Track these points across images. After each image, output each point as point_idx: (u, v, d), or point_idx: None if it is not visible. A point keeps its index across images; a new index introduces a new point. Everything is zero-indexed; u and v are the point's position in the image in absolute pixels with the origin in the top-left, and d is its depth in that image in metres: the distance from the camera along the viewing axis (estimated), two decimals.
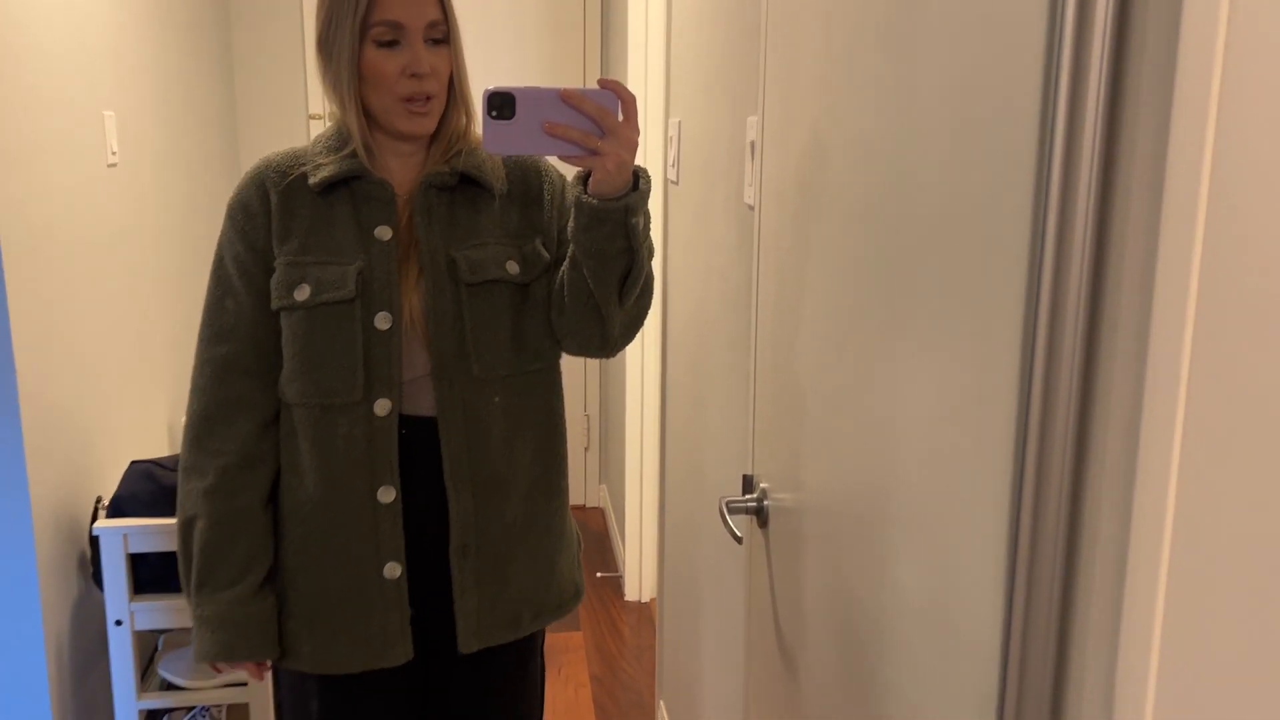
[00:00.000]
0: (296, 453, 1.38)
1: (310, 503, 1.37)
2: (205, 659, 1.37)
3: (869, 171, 0.99)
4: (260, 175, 1.39)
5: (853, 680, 1.08)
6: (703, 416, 1.91)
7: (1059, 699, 0.68)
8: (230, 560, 1.36)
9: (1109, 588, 0.62)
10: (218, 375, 1.37)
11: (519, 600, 1.44)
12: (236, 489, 1.36)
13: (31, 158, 1.99)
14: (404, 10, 1.28)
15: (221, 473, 1.36)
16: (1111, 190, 0.61)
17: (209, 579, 1.37)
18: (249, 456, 1.37)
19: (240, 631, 1.36)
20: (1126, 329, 0.60)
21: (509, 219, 1.41)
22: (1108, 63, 0.60)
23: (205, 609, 1.37)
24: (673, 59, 2.19)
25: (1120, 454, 0.60)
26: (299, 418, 1.36)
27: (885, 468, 0.97)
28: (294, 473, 1.38)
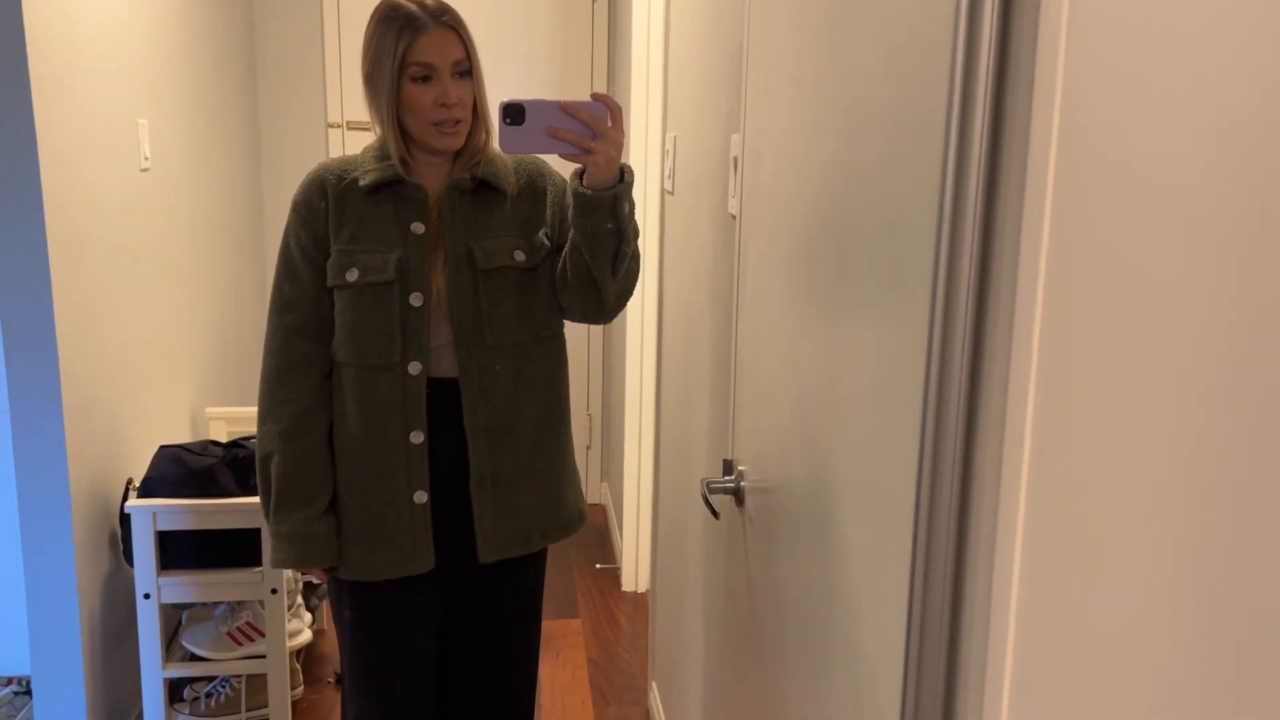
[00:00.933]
0: (344, 403, 1.67)
1: (355, 442, 1.65)
2: (281, 566, 1.68)
3: (820, 187, 1.14)
4: (321, 177, 1.67)
5: (813, 646, 1.22)
6: (691, 409, 2.06)
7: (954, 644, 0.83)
8: (302, 488, 1.65)
9: (988, 530, 0.77)
10: (286, 338, 1.66)
11: (529, 522, 1.72)
12: (305, 430, 1.65)
13: (73, 162, 2.15)
14: (434, 53, 1.57)
15: (292, 418, 1.65)
16: (993, 204, 0.76)
17: (285, 503, 1.65)
18: (313, 404, 1.66)
19: (310, 544, 1.65)
20: (1003, 320, 0.75)
21: (518, 215, 1.69)
22: (989, 115, 0.75)
23: (282, 527, 1.66)
24: (670, 80, 2.34)
25: (996, 417, 0.75)
26: (348, 375, 1.65)
27: (832, 444, 1.12)
28: (342, 419, 1.67)
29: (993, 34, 0.74)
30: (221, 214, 3.28)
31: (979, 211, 0.76)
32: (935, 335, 0.79)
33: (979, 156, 0.76)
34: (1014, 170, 0.73)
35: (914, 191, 0.88)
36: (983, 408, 0.78)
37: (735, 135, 1.61)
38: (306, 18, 3.75)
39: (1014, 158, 0.73)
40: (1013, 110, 0.73)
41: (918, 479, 0.82)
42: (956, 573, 0.83)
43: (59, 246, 2.08)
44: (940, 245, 0.78)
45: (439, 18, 1.58)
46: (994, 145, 0.75)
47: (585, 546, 3.77)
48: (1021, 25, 0.71)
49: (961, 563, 0.82)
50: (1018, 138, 0.72)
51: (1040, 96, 0.69)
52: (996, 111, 0.75)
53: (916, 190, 0.88)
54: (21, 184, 2.00)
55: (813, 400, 1.19)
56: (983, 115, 0.75)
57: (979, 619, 0.79)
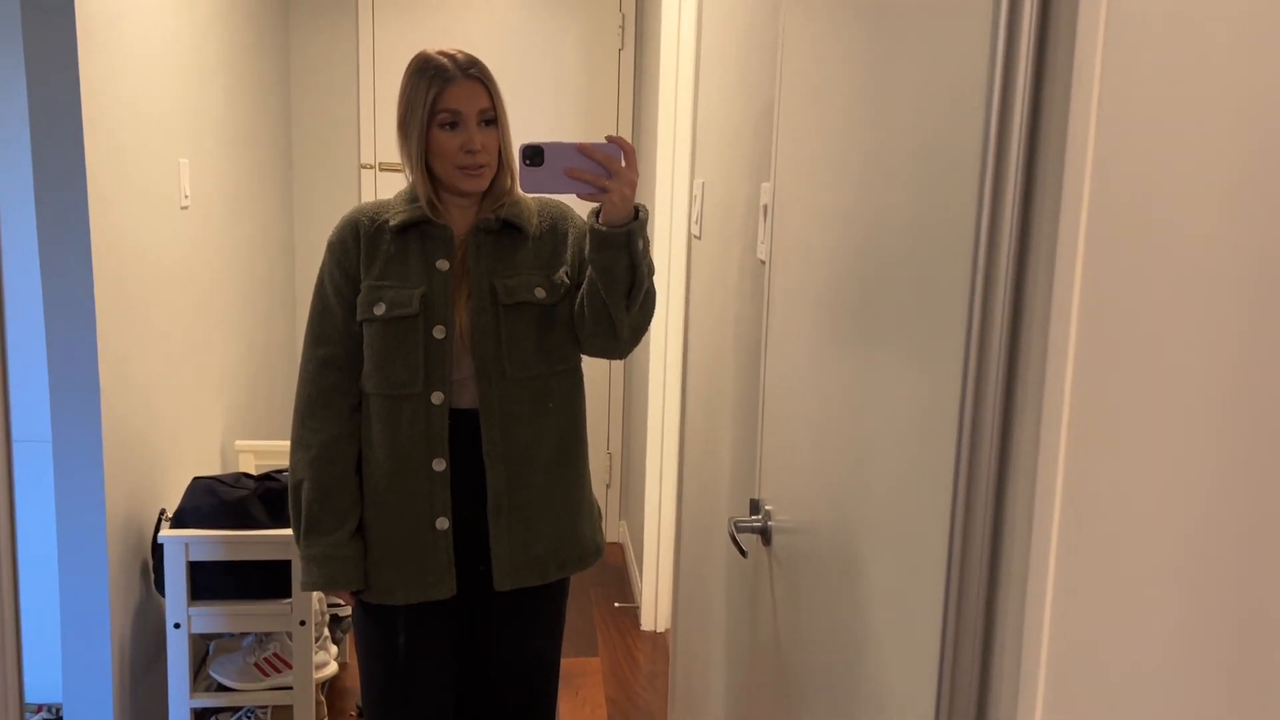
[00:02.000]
0: (372, 432, 1.74)
1: (381, 469, 1.72)
2: (310, 589, 1.74)
3: (849, 232, 1.19)
4: (355, 220, 1.77)
5: (840, 687, 1.25)
6: (716, 451, 2.09)
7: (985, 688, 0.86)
8: (331, 513, 1.72)
9: (1019, 576, 0.80)
10: (319, 369, 1.75)
11: (545, 552, 1.77)
12: (334, 458, 1.73)
13: (117, 201, 2.22)
14: (461, 101, 1.67)
15: (322, 445, 1.73)
16: (1027, 241, 0.80)
17: (314, 527, 1.72)
18: (342, 432, 1.74)
19: (338, 567, 1.72)
20: (1037, 351, 0.78)
21: (540, 254, 1.77)
22: (1022, 168, 0.79)
23: (312, 550, 1.72)
24: (699, 127, 2.41)
25: (1030, 441, 0.79)
26: (374, 405, 1.74)
27: (860, 484, 1.15)
28: (369, 446, 1.75)
29: (1027, 80, 0.78)
30: (255, 252, 3.35)
31: (1012, 258, 0.80)
32: (969, 379, 0.83)
33: (1013, 203, 0.80)
34: (1047, 215, 0.77)
35: (945, 238, 0.92)
36: (1015, 453, 0.81)
37: (765, 183, 1.66)
38: (341, 62, 3.85)
39: (1047, 202, 0.77)
40: (1046, 153, 0.77)
41: (950, 523, 0.86)
42: (988, 620, 0.85)
43: (104, 283, 2.14)
44: (974, 291, 0.82)
45: (467, 70, 1.69)
46: (1027, 190, 0.79)
47: (604, 585, 3.79)
48: (1055, 70, 0.75)
49: (993, 609, 0.84)
50: (1051, 180, 0.76)
51: (1074, 143, 0.73)
52: (1030, 155, 0.79)
53: (947, 237, 0.92)
54: (71, 223, 2.06)
55: (840, 442, 1.23)
56: (1016, 159, 0.79)
57: (1010, 669, 0.82)
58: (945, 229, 0.92)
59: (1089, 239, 0.73)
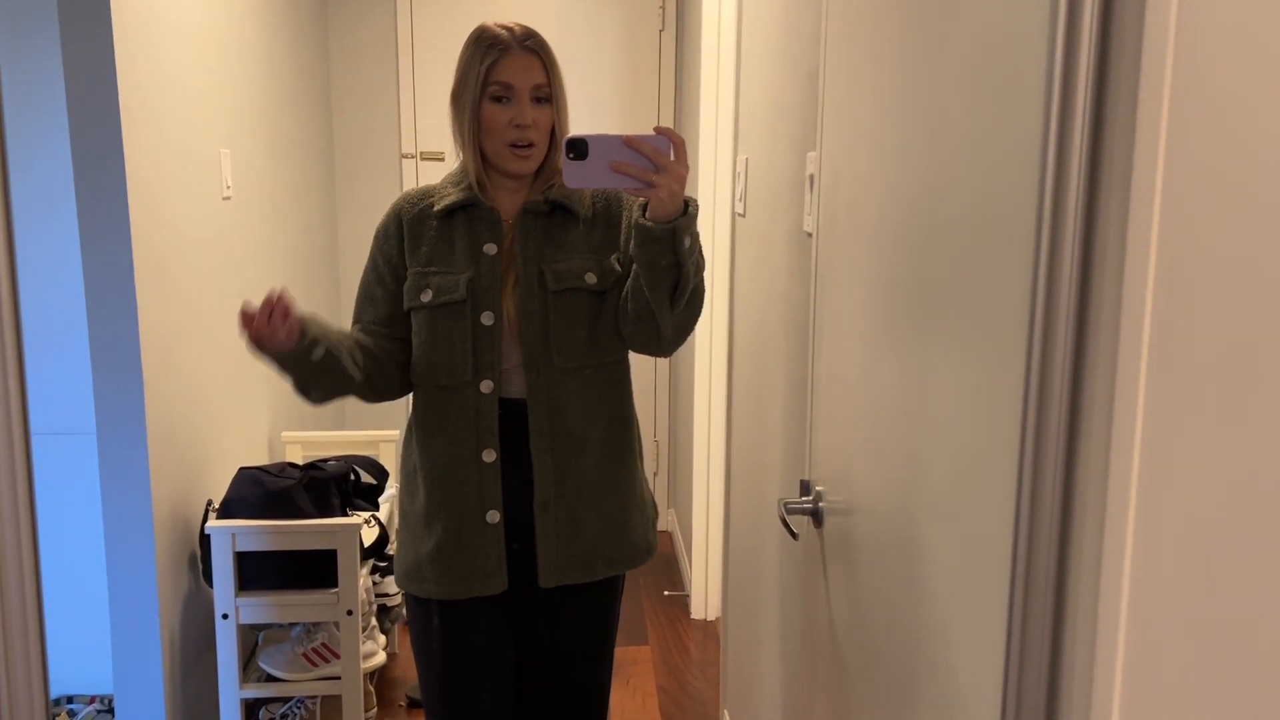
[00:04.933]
0: (421, 423, 1.70)
1: (433, 461, 1.68)
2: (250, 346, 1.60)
3: (901, 202, 1.13)
4: (398, 207, 1.74)
5: (898, 673, 1.20)
6: (764, 430, 2.04)
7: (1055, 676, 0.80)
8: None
9: (1092, 554, 0.74)
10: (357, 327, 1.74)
11: (592, 549, 1.71)
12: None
13: (159, 192, 2.21)
14: (515, 74, 1.62)
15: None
16: (1092, 234, 0.74)
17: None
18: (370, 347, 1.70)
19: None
20: (1107, 332, 0.72)
21: (592, 238, 1.70)
22: (1088, 129, 0.73)
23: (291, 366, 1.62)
24: (741, 100, 2.35)
25: (1100, 433, 0.73)
26: (423, 396, 1.70)
27: (917, 465, 1.09)
28: (426, 439, 1.69)
29: (1093, 33, 0.72)
30: (298, 242, 3.35)
31: (1079, 225, 0.74)
32: (1034, 353, 0.77)
33: (1079, 168, 0.74)
34: (1117, 178, 0.71)
35: (1006, 206, 0.86)
36: (1085, 429, 0.76)
37: (811, 153, 1.60)
38: (380, 51, 3.83)
39: (1117, 164, 0.71)
40: (1114, 114, 0.71)
41: (1015, 510, 0.80)
42: (1058, 600, 0.80)
43: (145, 274, 2.13)
44: (1039, 261, 0.76)
45: (523, 41, 1.64)
46: (1094, 154, 0.73)
47: (653, 574, 3.75)
48: (1124, 17, 0.69)
49: (1063, 590, 0.79)
50: (1120, 144, 0.70)
51: (1147, 96, 0.67)
52: (1097, 117, 0.73)
53: (1008, 204, 0.86)
54: (110, 213, 2.06)
55: (896, 420, 1.17)
56: (1082, 122, 0.73)
57: (1083, 651, 0.76)
58: (1008, 198, 0.86)
59: (1165, 209, 0.67)
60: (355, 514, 2.40)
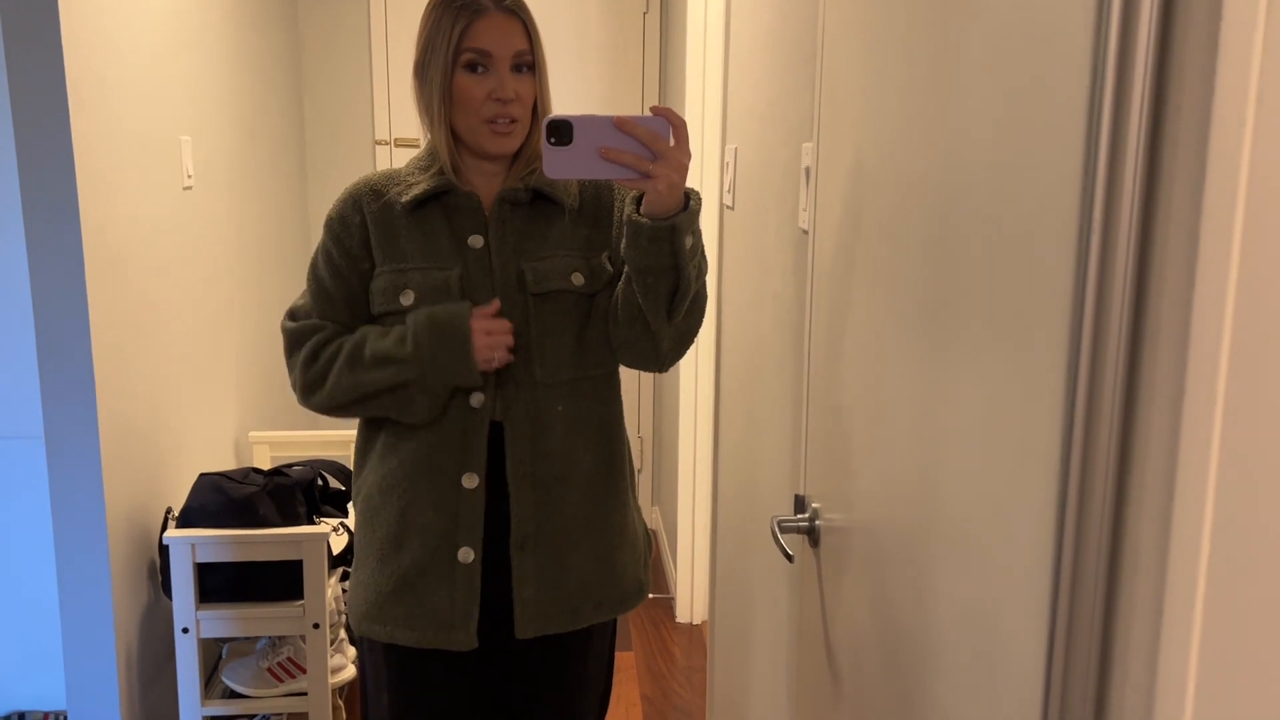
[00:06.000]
0: (395, 437, 1.48)
1: (401, 486, 1.47)
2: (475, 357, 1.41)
3: (913, 195, 1.01)
4: (357, 194, 1.50)
5: (899, 702, 1.09)
6: (755, 438, 1.93)
7: (1101, 714, 0.69)
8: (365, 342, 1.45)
9: (1150, 604, 0.63)
10: (301, 335, 1.50)
11: (579, 592, 1.50)
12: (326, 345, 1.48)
13: (113, 181, 2.08)
14: (493, 39, 1.40)
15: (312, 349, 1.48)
16: (1152, 214, 0.63)
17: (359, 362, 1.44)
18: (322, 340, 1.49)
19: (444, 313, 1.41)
20: (1168, 347, 0.61)
21: (579, 233, 1.50)
22: (1149, 97, 0.62)
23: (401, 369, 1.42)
24: (730, 87, 2.23)
25: (1160, 470, 0.62)
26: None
27: (930, 485, 0.98)
28: (395, 454, 1.48)
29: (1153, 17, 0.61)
30: (266, 233, 3.22)
31: (1135, 222, 0.63)
32: (1081, 373, 0.66)
33: (1135, 155, 0.63)
34: (1186, 164, 0.60)
35: (1041, 198, 0.75)
36: (1140, 455, 0.65)
37: (807, 144, 1.49)
38: (353, 33, 3.70)
39: (1186, 144, 0.60)
40: (1183, 76, 0.60)
41: (1057, 540, 0.69)
42: (1105, 635, 0.69)
43: (97, 267, 2.00)
44: (1086, 265, 0.65)
45: (501, 2, 1.41)
46: (1154, 134, 0.62)
47: None
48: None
49: (1111, 626, 0.69)
50: (1190, 116, 0.59)
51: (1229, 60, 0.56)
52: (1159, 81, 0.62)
53: (1045, 196, 0.74)
54: (58, 204, 1.93)
55: (906, 435, 1.06)
56: (1141, 94, 0.62)
57: (1134, 686, 0.66)
58: (1045, 189, 0.74)
59: (1250, 196, 0.55)
60: (323, 521, 2.28)
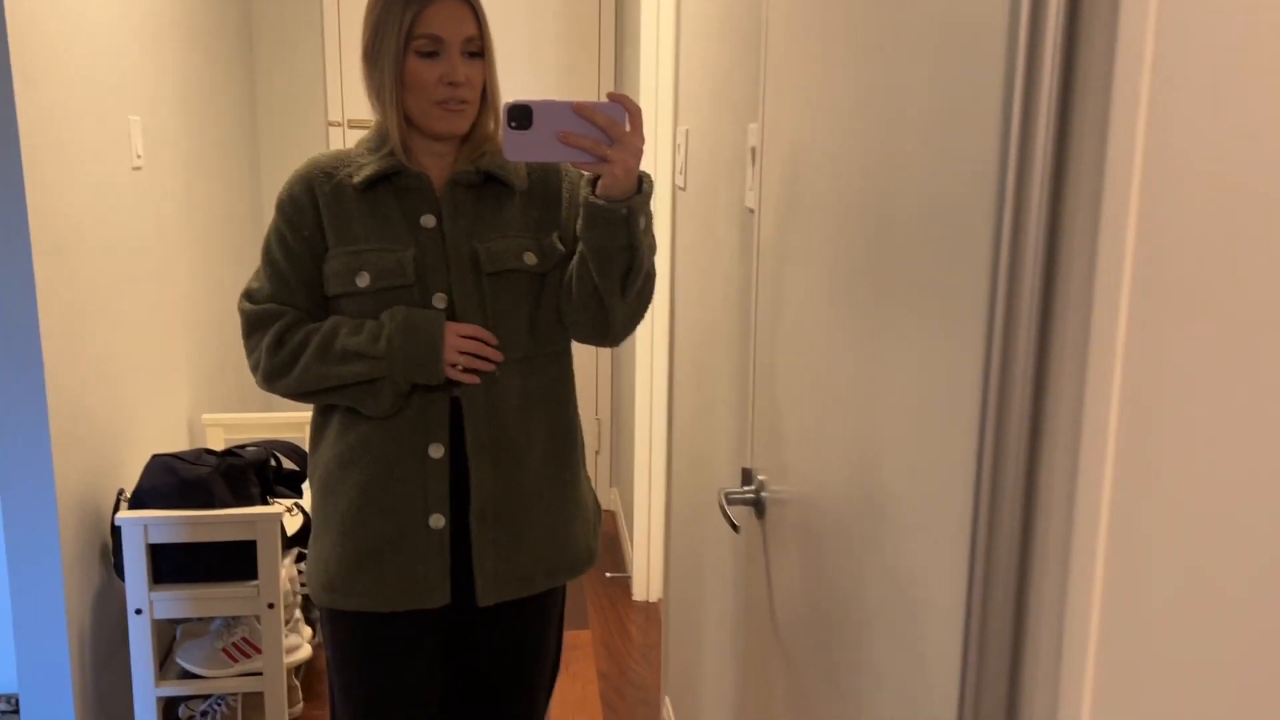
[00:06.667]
0: (354, 413, 1.51)
1: (369, 457, 1.50)
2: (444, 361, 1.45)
3: (852, 176, 1.04)
4: (308, 175, 1.53)
5: (835, 662, 1.13)
6: (707, 415, 1.96)
7: (1016, 674, 0.73)
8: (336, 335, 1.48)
9: (1058, 566, 0.67)
10: (264, 319, 1.52)
11: (532, 561, 1.56)
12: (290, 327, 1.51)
13: (59, 161, 2.06)
14: (444, 25, 1.44)
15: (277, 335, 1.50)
16: (1061, 196, 0.66)
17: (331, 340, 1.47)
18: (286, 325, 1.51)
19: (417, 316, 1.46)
20: (1075, 321, 0.65)
21: (530, 214, 1.54)
22: (1057, 86, 0.65)
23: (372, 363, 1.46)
24: (681, 69, 2.25)
25: (1067, 443, 0.65)
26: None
27: (864, 456, 1.02)
28: (353, 430, 1.51)
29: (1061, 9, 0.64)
30: (218, 215, 3.19)
31: (1045, 203, 0.67)
32: (995, 339, 0.69)
33: (1044, 142, 0.66)
34: (1089, 148, 0.63)
35: (965, 183, 0.78)
36: (1050, 421, 0.68)
37: (753, 124, 1.51)
38: (306, 14, 3.66)
39: (1090, 131, 0.63)
40: (1086, 77, 0.63)
41: (974, 504, 0.73)
42: (1019, 601, 0.73)
43: (44, 248, 1.99)
44: (1001, 238, 0.68)
45: None
46: (1062, 125, 0.65)
47: None
48: None
49: (1025, 591, 0.72)
50: (1094, 107, 0.62)
51: (1126, 49, 0.59)
52: (1066, 82, 0.65)
53: (968, 181, 0.78)
54: (3, 183, 1.91)
55: (845, 407, 1.09)
56: (1049, 88, 0.65)
57: (1047, 654, 0.69)
58: (969, 175, 0.78)
59: (1145, 180, 0.59)
60: (276, 502, 2.28)
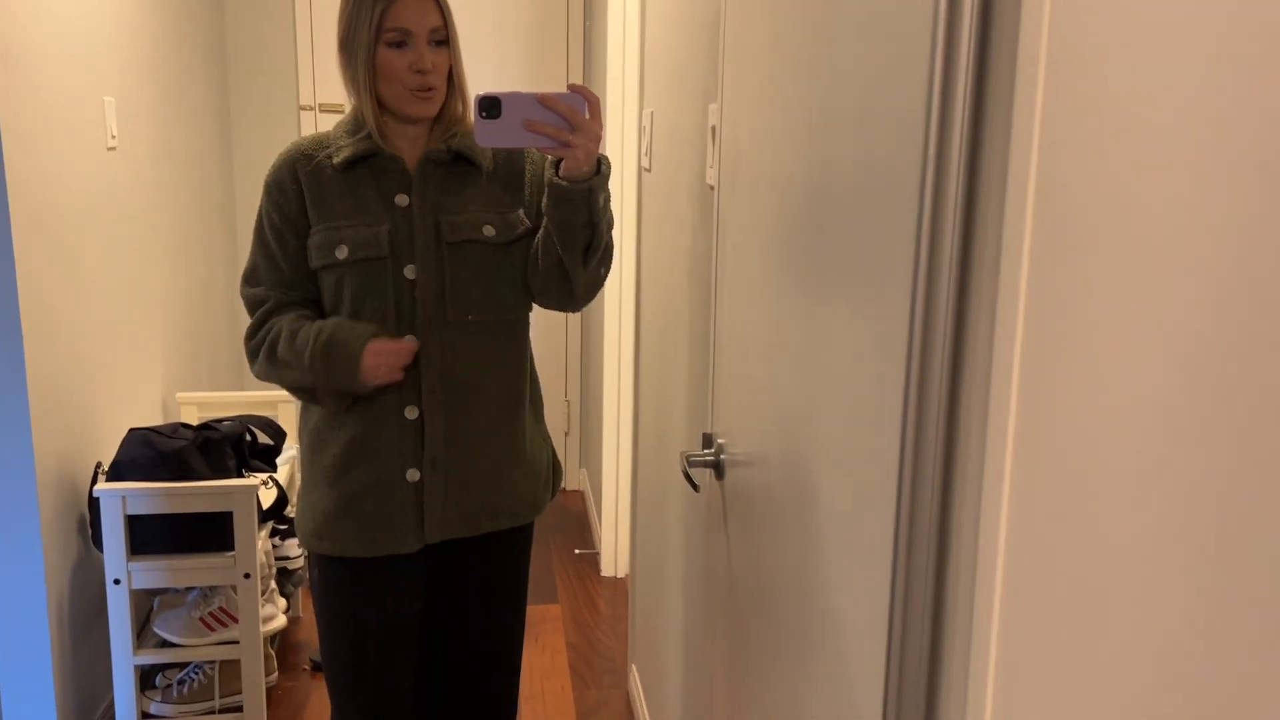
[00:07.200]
0: None
1: (352, 416, 1.63)
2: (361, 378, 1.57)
3: (798, 157, 1.12)
4: (292, 159, 1.65)
5: (787, 623, 1.20)
6: (671, 388, 2.03)
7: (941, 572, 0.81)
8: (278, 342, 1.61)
9: (972, 501, 0.75)
10: (253, 306, 1.66)
11: (477, 505, 1.69)
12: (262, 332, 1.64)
13: (37, 140, 2.10)
14: (411, 18, 1.56)
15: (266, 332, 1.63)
16: (976, 174, 0.74)
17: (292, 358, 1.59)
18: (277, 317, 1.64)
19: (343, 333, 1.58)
20: (988, 282, 0.73)
21: (493, 191, 1.67)
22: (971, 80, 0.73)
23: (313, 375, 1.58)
24: (646, 53, 2.32)
25: (979, 385, 0.73)
26: None
27: (811, 414, 1.10)
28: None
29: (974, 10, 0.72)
30: (192, 196, 3.23)
31: (961, 185, 0.75)
32: (917, 314, 0.77)
33: (960, 130, 0.74)
34: (997, 143, 0.71)
35: (893, 163, 0.86)
36: (966, 386, 0.76)
37: (713, 105, 1.59)
38: (277, 1, 3.70)
39: (998, 128, 0.71)
40: (996, 79, 0.71)
41: (900, 454, 0.80)
42: (941, 541, 0.81)
43: (23, 227, 2.03)
44: (922, 221, 0.76)
45: None
46: (976, 113, 0.73)
47: (564, 533, 3.74)
48: None
49: (946, 532, 0.80)
50: (1001, 108, 0.70)
51: (1024, 61, 0.67)
52: (979, 82, 0.73)
53: (896, 161, 0.85)
54: None
55: (792, 373, 1.17)
56: (965, 86, 0.73)
57: (964, 596, 0.77)
58: (896, 156, 0.85)
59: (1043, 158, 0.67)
60: (252, 475, 2.34)
